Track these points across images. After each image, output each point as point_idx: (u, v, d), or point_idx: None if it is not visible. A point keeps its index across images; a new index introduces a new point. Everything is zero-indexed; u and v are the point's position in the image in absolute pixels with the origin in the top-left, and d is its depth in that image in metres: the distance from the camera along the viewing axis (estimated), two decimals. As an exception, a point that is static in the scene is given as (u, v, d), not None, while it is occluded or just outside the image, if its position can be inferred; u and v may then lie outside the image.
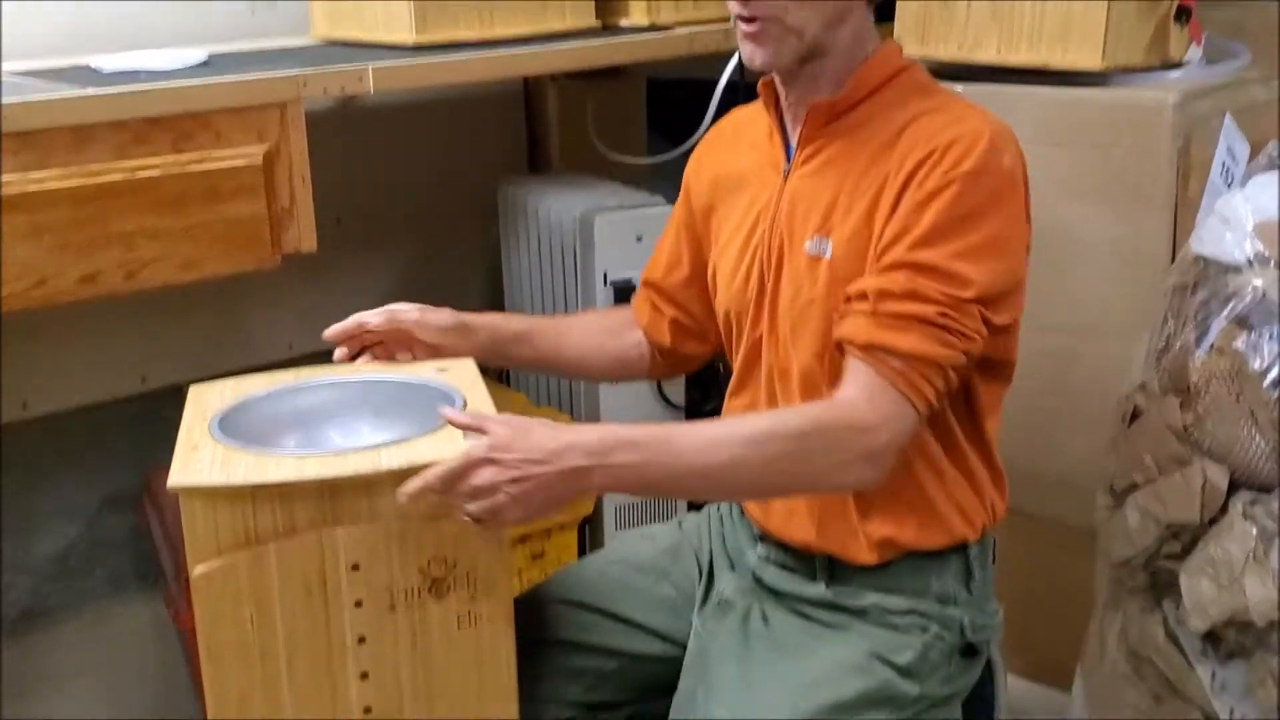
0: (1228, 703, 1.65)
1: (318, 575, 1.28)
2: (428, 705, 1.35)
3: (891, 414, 1.31)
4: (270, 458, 1.31)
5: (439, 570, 1.30)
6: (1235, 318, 1.63)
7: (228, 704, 1.31)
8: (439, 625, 1.32)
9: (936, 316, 1.30)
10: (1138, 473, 1.69)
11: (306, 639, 1.30)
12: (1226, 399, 1.60)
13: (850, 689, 1.43)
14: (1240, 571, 1.58)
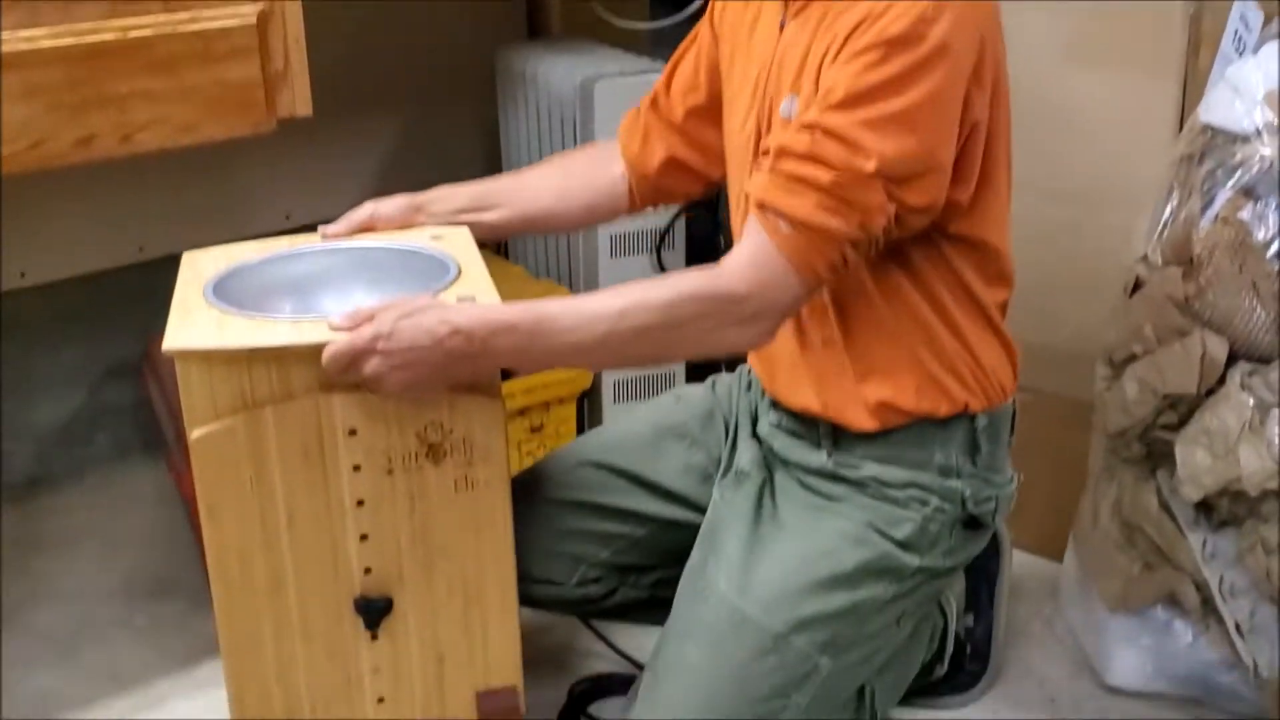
0: (1218, 570, 1.67)
1: (315, 440, 1.30)
2: (426, 567, 1.37)
3: (769, 283, 1.29)
4: (266, 322, 1.31)
5: (435, 436, 1.32)
6: (1241, 188, 1.61)
7: (229, 564, 1.33)
8: (436, 489, 1.34)
9: (830, 184, 1.26)
10: (1137, 344, 1.69)
11: (306, 501, 1.32)
12: (1229, 270, 1.60)
13: (849, 561, 1.44)
14: (1235, 442, 1.59)
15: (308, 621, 1.37)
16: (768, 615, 1.43)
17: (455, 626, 1.40)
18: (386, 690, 1.41)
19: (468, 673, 1.42)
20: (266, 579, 1.34)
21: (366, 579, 1.36)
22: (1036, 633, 1.94)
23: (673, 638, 1.48)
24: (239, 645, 1.37)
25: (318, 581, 1.35)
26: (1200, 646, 1.72)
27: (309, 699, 1.40)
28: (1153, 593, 1.74)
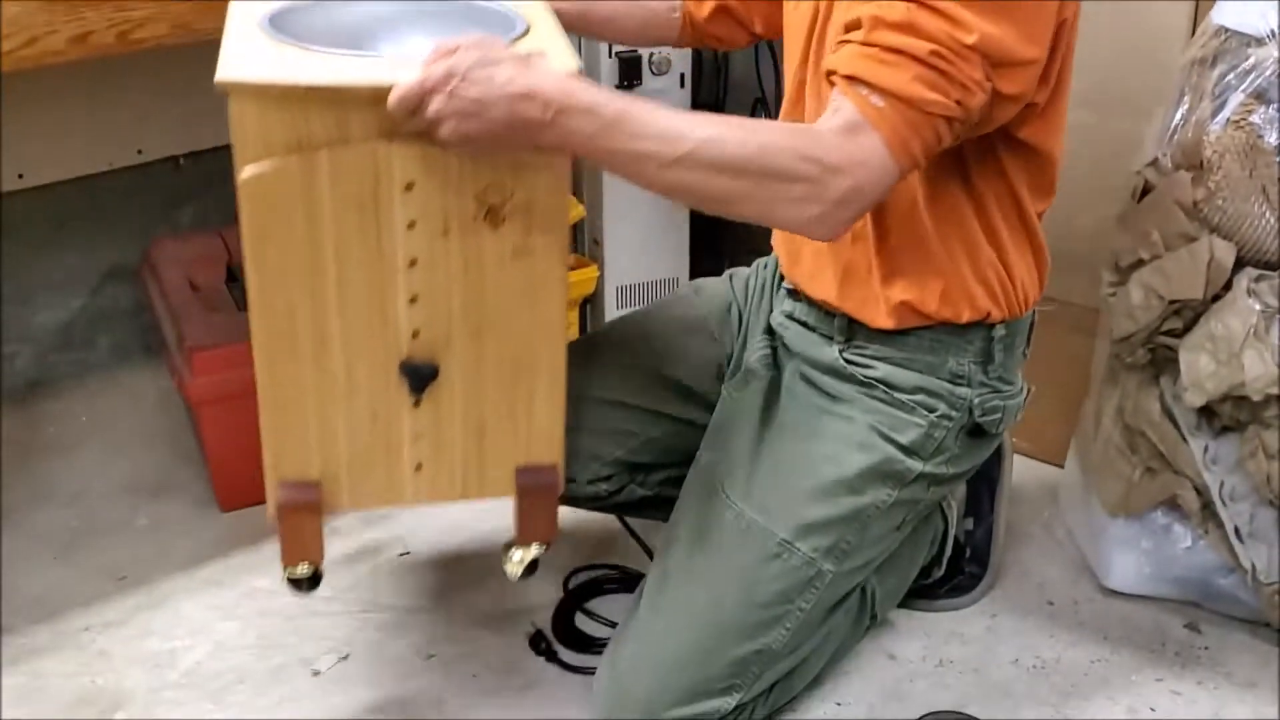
0: (1218, 475, 1.68)
1: (370, 191, 1.22)
2: (477, 334, 1.31)
3: (863, 160, 1.20)
4: (326, 57, 1.22)
5: (496, 198, 1.24)
6: (1254, 91, 1.59)
7: (273, 319, 1.27)
8: (492, 255, 1.27)
9: (929, 55, 1.19)
10: (1144, 249, 1.68)
11: (357, 255, 1.24)
12: (1239, 174, 1.58)
13: (853, 464, 1.45)
14: (1240, 347, 1.58)
15: (353, 382, 1.31)
16: (772, 521, 1.44)
17: (500, 399, 1.34)
18: (426, 457, 1.36)
19: (509, 447, 1.37)
20: (312, 334, 1.28)
21: (414, 343, 1.30)
22: (1036, 536, 1.95)
23: (679, 542, 1.49)
24: (279, 403, 1.31)
25: (364, 341, 1.29)
26: (1199, 550, 1.74)
27: (347, 462, 1.35)
28: (1153, 497, 1.75)
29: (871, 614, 1.66)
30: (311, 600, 1.81)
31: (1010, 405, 1.51)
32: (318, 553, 1.39)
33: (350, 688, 1.66)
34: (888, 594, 1.67)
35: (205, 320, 2.03)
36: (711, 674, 1.43)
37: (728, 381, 1.59)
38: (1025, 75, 1.26)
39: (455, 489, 1.38)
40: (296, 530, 1.36)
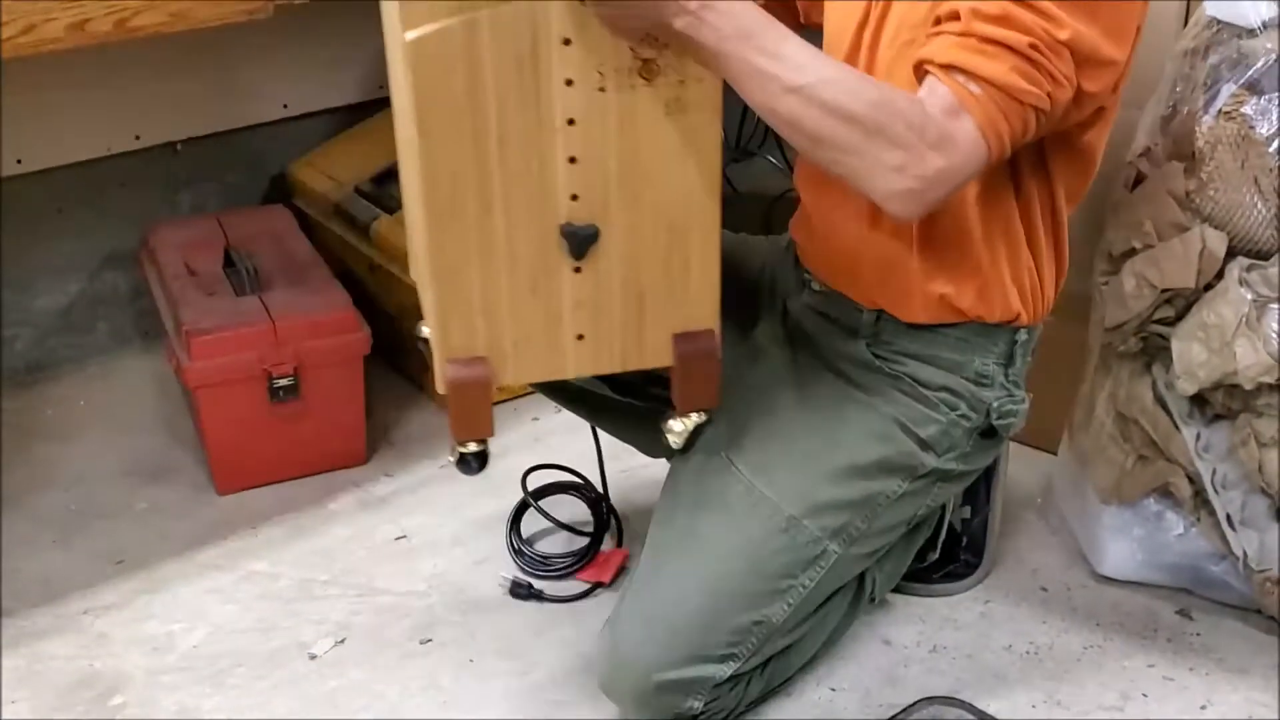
0: (1210, 463, 1.69)
1: (529, 48, 1.25)
2: (633, 194, 1.33)
3: (963, 143, 1.24)
4: None
5: (649, 51, 1.26)
6: (1245, 82, 1.60)
7: (440, 185, 1.30)
8: (647, 111, 1.29)
9: (1027, 48, 1.23)
10: (1136, 238, 1.69)
11: (517, 115, 1.27)
12: (1231, 164, 1.59)
13: (870, 454, 1.46)
14: (1232, 336, 1.59)
15: (514, 249, 1.33)
16: (784, 497, 1.45)
17: (657, 262, 1.36)
18: (586, 327, 1.38)
19: (667, 313, 1.38)
20: (476, 202, 1.30)
21: (573, 205, 1.32)
22: (1030, 523, 1.97)
23: (682, 508, 1.50)
24: (447, 274, 1.34)
25: (526, 205, 1.31)
26: (1191, 537, 1.75)
27: (511, 334, 1.37)
28: (1146, 484, 1.76)
29: (870, 597, 1.67)
30: (309, 584, 1.83)
31: (1021, 410, 1.53)
32: (488, 427, 1.41)
33: (347, 671, 1.68)
34: (885, 578, 1.68)
35: (203, 305, 2.04)
36: (710, 640, 1.44)
37: (734, 351, 1.57)
38: (1108, 75, 1.30)
39: (615, 359, 1.40)
40: (467, 406, 1.38)
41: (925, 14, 1.35)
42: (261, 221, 2.34)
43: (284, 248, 2.25)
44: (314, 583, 1.82)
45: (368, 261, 2.31)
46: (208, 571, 1.86)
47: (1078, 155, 1.42)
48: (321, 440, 2.06)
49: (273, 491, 2.03)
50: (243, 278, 2.12)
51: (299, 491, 2.03)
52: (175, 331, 2.02)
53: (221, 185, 2.54)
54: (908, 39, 1.36)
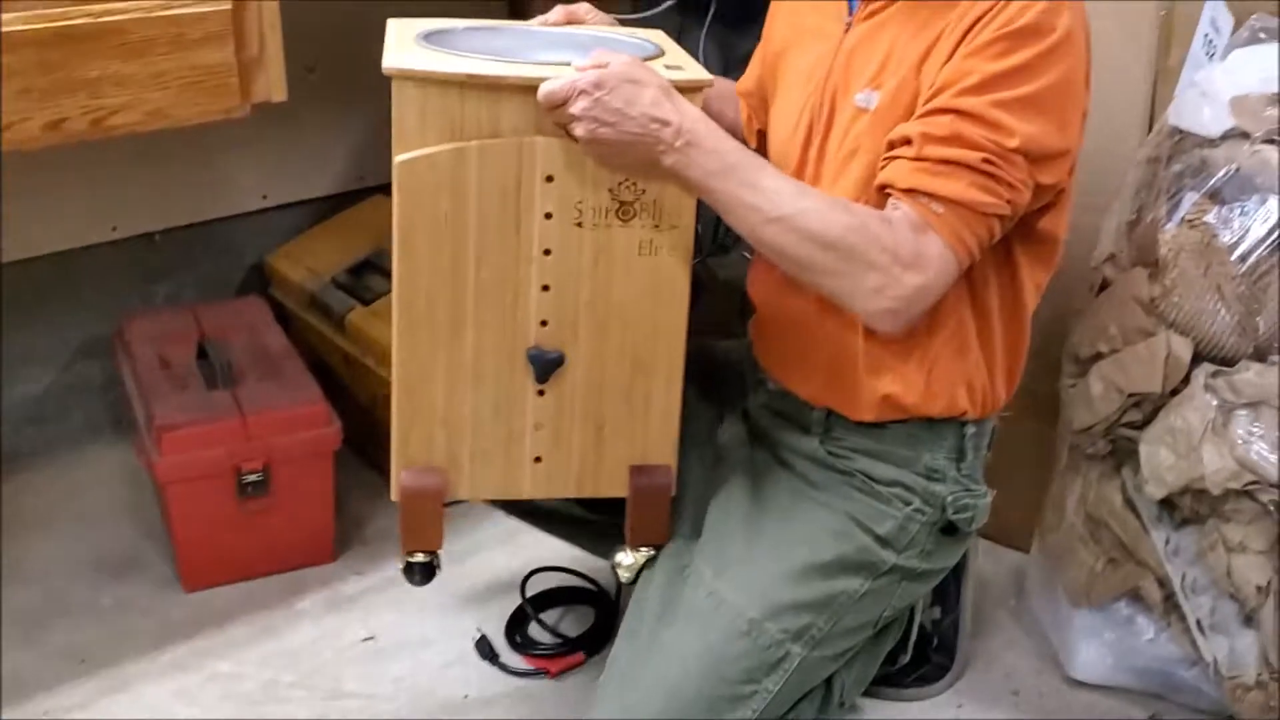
0: (1180, 567, 1.69)
1: (514, 181, 1.31)
2: (601, 327, 1.38)
3: (933, 260, 1.30)
4: (482, 60, 1.32)
5: (628, 194, 1.33)
6: (1207, 191, 1.62)
7: (415, 299, 1.35)
8: (622, 248, 1.35)
9: (980, 162, 1.29)
10: (1103, 342, 1.71)
11: (496, 242, 1.33)
12: (1194, 272, 1.61)
13: (828, 553, 1.46)
14: (1199, 441, 1.60)
15: (481, 367, 1.38)
16: (745, 599, 1.44)
17: (620, 394, 1.41)
18: (545, 450, 1.42)
19: (625, 444, 1.43)
20: (448, 318, 1.35)
21: (542, 331, 1.37)
22: (1003, 623, 1.96)
23: (648, 615, 1.49)
24: (412, 383, 1.38)
25: (496, 326, 1.36)
26: (1162, 642, 1.74)
27: (470, 448, 1.41)
28: (1116, 588, 1.76)
29: (839, 702, 1.65)
30: (274, 686, 1.81)
31: (980, 505, 1.53)
32: (437, 540, 1.45)
33: (311, 776, 1.66)
34: (854, 681, 1.67)
35: (174, 399, 2.04)
36: None
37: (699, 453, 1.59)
38: (1061, 165, 1.36)
39: (571, 484, 1.44)
40: (418, 516, 1.43)
41: (865, 125, 1.40)
42: (237, 313, 2.35)
43: (258, 339, 2.25)
44: (279, 684, 1.81)
45: (342, 353, 2.31)
46: (173, 672, 1.84)
47: (1039, 242, 1.44)
48: (290, 537, 2.04)
49: (240, 589, 2.01)
50: (215, 370, 2.12)
51: (267, 589, 2.02)
52: (146, 425, 2.02)
53: (198, 276, 2.54)
54: (851, 149, 1.41)
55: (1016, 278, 1.46)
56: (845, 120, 1.43)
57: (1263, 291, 1.58)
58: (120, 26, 1.61)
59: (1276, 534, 1.60)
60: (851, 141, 1.41)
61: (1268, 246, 1.57)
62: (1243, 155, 1.61)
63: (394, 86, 1.29)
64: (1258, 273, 1.58)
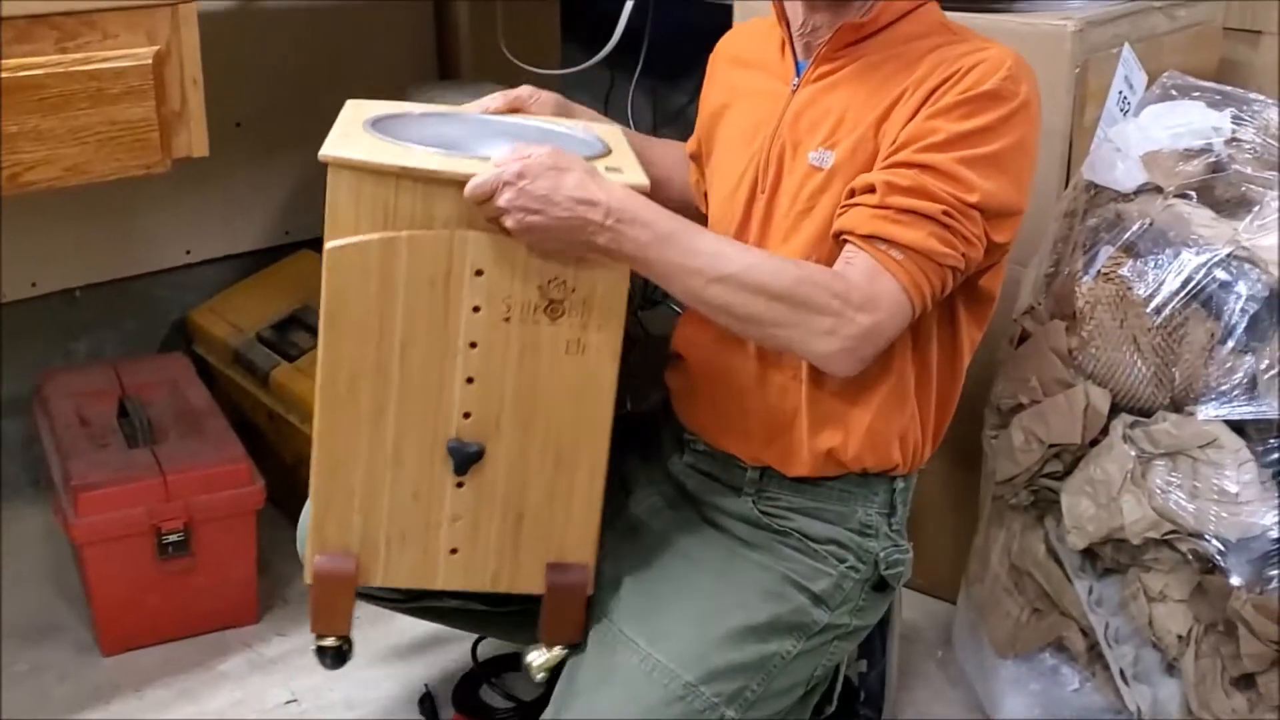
0: (1103, 617, 1.70)
1: (443, 273, 1.31)
2: (524, 423, 1.37)
3: (887, 301, 1.32)
4: (418, 151, 1.32)
5: (557, 292, 1.32)
6: (1122, 245, 1.65)
7: (337, 382, 1.34)
8: (548, 346, 1.34)
9: (940, 214, 1.32)
10: (1023, 394, 1.72)
11: (423, 332, 1.33)
12: (1110, 324, 1.63)
13: (763, 614, 1.45)
14: (1118, 491, 1.62)
15: (401, 454, 1.36)
16: (679, 663, 1.43)
17: (540, 490, 1.39)
18: (462, 542, 1.40)
19: (543, 541, 1.41)
20: (370, 403, 1.34)
21: (464, 423, 1.36)
22: (930, 675, 1.96)
23: (581, 688, 1.47)
24: (330, 467, 1.37)
25: (418, 415, 1.35)
26: (1087, 692, 1.75)
27: (386, 535, 1.39)
28: (1040, 638, 1.77)
29: (767, 758, 1.64)
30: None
31: (907, 560, 1.53)
32: (345, 626, 1.43)
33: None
34: (781, 736, 1.66)
35: (93, 457, 2.01)
36: None
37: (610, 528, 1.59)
38: (1013, 224, 1.40)
39: (486, 578, 1.43)
40: (328, 600, 1.41)
41: (820, 183, 1.41)
42: (159, 369, 2.32)
43: (180, 396, 2.22)
44: (199, 750, 1.78)
45: (266, 410, 2.28)
46: (88, 738, 1.80)
47: (979, 300, 1.47)
48: (212, 598, 2.01)
49: (160, 652, 1.98)
50: (136, 428, 2.09)
51: (188, 652, 1.98)
52: (63, 485, 1.98)
53: (120, 332, 2.51)
54: (805, 207, 1.43)
55: (957, 334, 1.48)
56: (797, 179, 1.44)
57: (1178, 343, 1.61)
58: (38, 81, 1.60)
59: (1196, 583, 1.62)
60: (805, 200, 1.43)
61: (1181, 299, 1.60)
62: (1156, 209, 1.64)
63: (329, 173, 1.30)
64: (1172, 324, 1.60)
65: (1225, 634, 1.60)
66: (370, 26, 2.60)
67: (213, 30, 1.81)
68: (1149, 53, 1.97)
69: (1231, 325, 1.57)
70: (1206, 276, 1.58)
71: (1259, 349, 1.55)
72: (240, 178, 2.52)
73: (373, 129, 1.38)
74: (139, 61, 1.67)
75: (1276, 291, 1.55)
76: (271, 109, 2.50)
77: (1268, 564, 1.56)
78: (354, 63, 2.59)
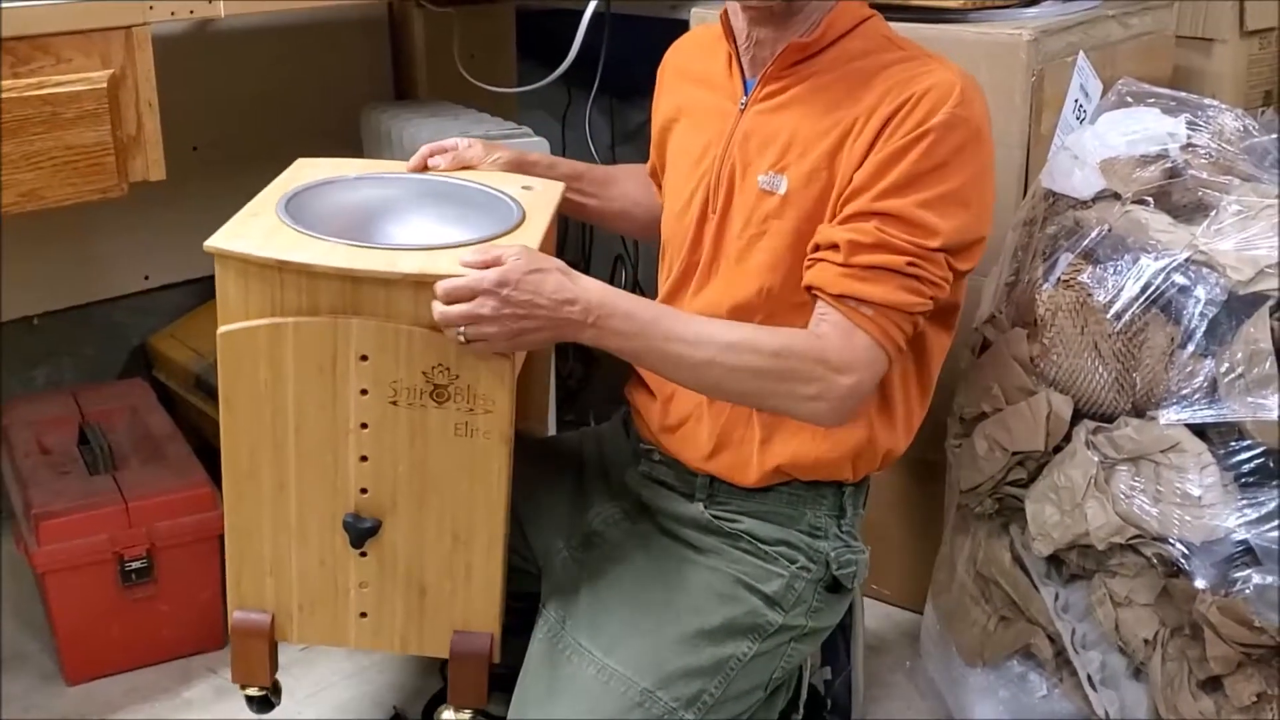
0: (1069, 623, 1.71)
1: (329, 358, 1.35)
2: (419, 499, 1.41)
3: (863, 359, 1.36)
4: (310, 240, 1.36)
5: (441, 378, 1.36)
6: (1081, 252, 1.66)
7: (240, 457, 1.40)
8: (437, 428, 1.38)
9: (905, 266, 1.34)
10: (986, 403, 1.73)
11: (314, 413, 1.37)
12: (1071, 330, 1.64)
13: (717, 616, 1.46)
14: (1082, 497, 1.63)
15: (305, 526, 1.41)
16: (635, 671, 1.43)
17: (440, 563, 1.43)
18: (370, 607, 1.45)
19: (447, 610, 1.45)
20: (271, 478, 1.40)
21: (362, 498, 1.40)
22: (900, 685, 1.96)
23: (535, 700, 1.47)
24: (241, 533, 1.43)
25: (317, 490, 1.40)
26: (1055, 698, 1.76)
27: (298, 599, 1.45)
28: (1008, 646, 1.77)
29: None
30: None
31: (861, 561, 1.54)
32: (265, 677, 1.49)
33: None
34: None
35: (53, 485, 1.99)
36: None
37: (566, 544, 1.59)
38: (979, 251, 1.43)
39: (396, 641, 1.48)
40: (246, 653, 1.47)
41: (773, 209, 1.43)
42: (119, 396, 2.30)
43: (141, 423, 2.20)
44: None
45: (229, 435, 2.26)
46: (51, 769, 1.78)
47: (944, 309, 1.48)
48: (176, 624, 1.99)
49: (125, 680, 1.96)
50: (97, 455, 2.07)
51: (153, 679, 1.96)
52: (24, 514, 1.96)
53: (79, 359, 2.49)
54: (758, 231, 1.45)
55: (924, 346, 1.49)
56: (748, 201, 1.45)
57: (1138, 348, 1.62)
58: (-10, 106, 1.59)
59: (1161, 587, 1.63)
60: (757, 224, 1.44)
61: (1141, 304, 1.61)
62: (1114, 216, 1.65)
63: (216, 264, 1.35)
64: (1132, 330, 1.61)
65: (1191, 637, 1.60)
66: (327, 48, 2.59)
67: (168, 54, 1.81)
68: (1103, 61, 1.99)
69: (1191, 329, 1.58)
70: (1165, 281, 1.59)
71: (1219, 352, 1.56)
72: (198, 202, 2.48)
73: (284, 207, 1.43)
74: (93, 85, 1.66)
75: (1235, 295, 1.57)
76: (228, 132, 2.49)
77: (1232, 566, 1.57)
78: (311, 84, 2.58)
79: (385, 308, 1.33)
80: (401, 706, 1.86)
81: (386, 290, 1.33)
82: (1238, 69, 2.43)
